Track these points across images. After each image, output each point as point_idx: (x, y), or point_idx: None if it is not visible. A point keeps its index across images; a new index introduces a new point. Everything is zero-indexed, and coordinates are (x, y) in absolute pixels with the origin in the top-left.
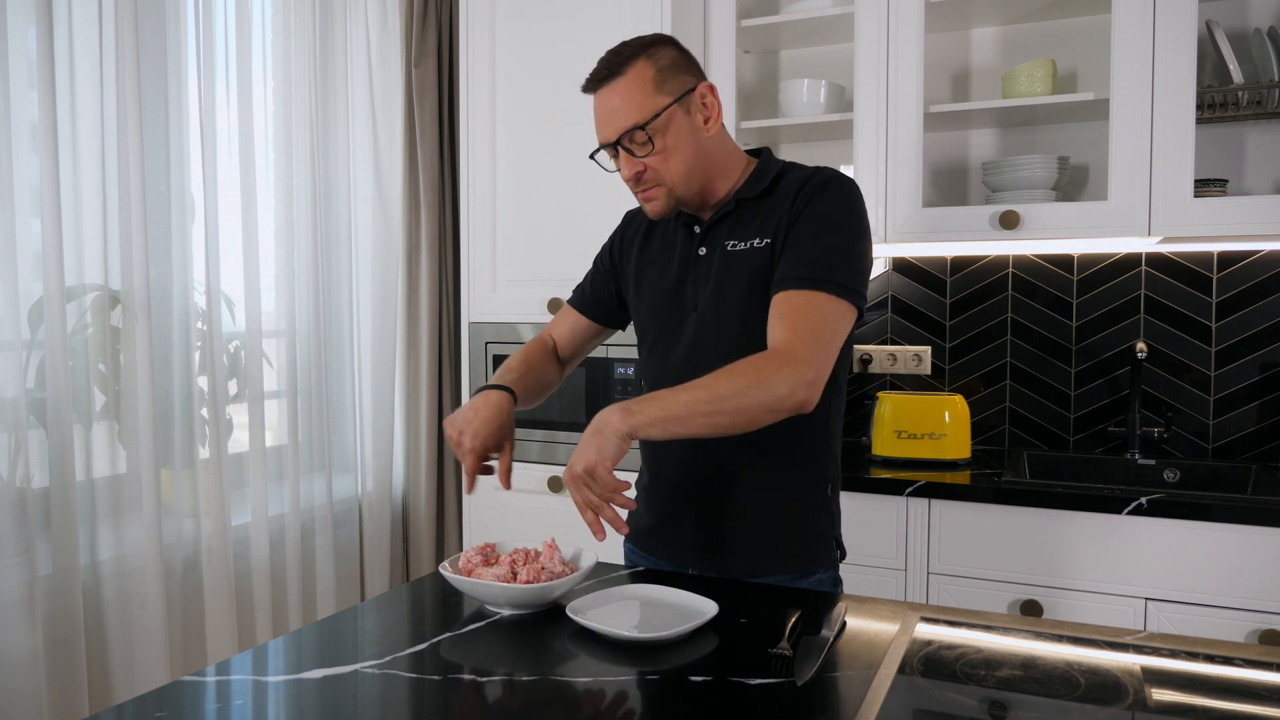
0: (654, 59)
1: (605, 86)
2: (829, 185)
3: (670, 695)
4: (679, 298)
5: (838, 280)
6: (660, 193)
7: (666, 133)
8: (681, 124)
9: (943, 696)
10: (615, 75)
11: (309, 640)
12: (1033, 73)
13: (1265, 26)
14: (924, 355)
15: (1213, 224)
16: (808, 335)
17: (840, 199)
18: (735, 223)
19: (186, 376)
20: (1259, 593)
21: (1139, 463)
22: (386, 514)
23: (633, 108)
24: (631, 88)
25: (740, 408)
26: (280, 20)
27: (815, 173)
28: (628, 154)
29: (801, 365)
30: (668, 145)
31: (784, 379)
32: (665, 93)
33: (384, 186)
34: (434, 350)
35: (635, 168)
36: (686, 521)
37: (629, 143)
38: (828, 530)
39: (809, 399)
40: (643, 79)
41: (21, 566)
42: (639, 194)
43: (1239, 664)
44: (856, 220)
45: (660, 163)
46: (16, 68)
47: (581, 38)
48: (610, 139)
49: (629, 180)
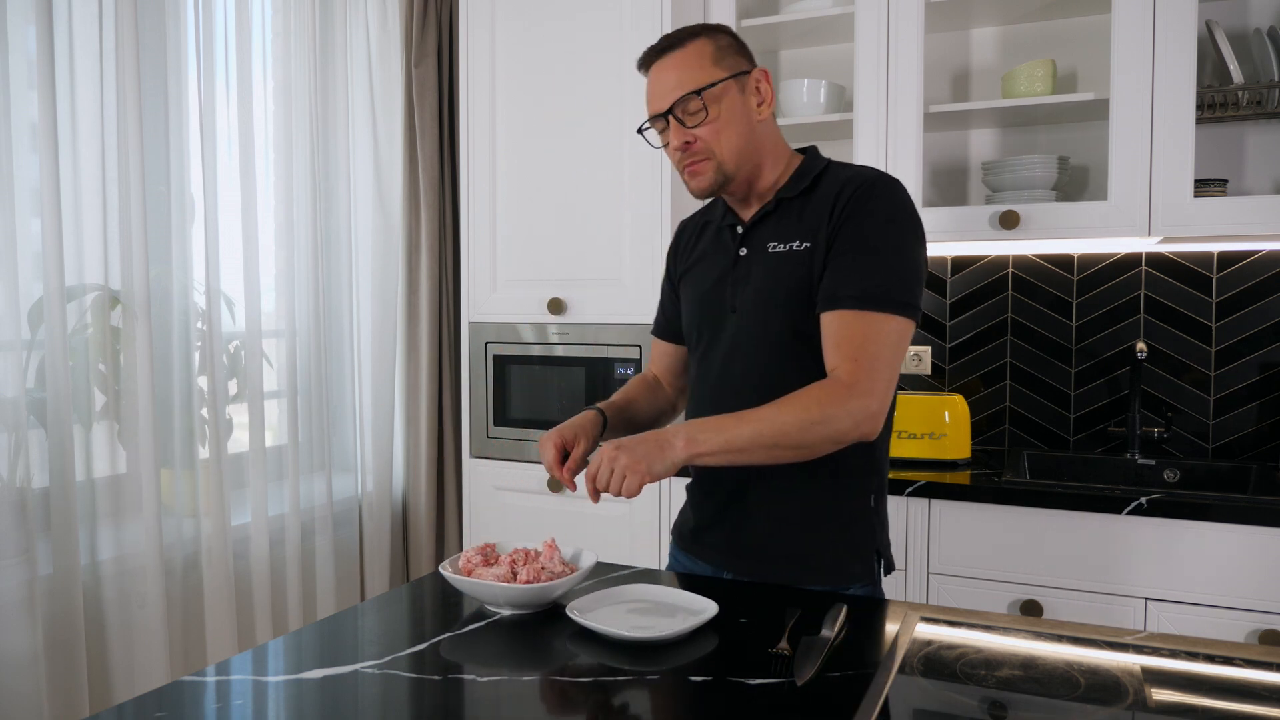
0: (714, 38)
1: (662, 59)
2: (875, 189)
3: (670, 695)
4: (720, 300)
5: (896, 298)
6: (709, 166)
7: (721, 104)
8: (736, 100)
9: (943, 696)
10: (674, 48)
11: (309, 640)
12: (1033, 73)
13: (1265, 26)
14: (924, 355)
15: (1213, 224)
16: (868, 365)
17: (889, 203)
18: (776, 223)
19: (186, 376)
20: (1259, 593)
21: (1139, 463)
22: (386, 514)
23: (689, 76)
24: (689, 58)
25: (803, 442)
26: (280, 20)
27: (859, 173)
28: (679, 124)
29: (864, 398)
30: (721, 117)
31: (848, 413)
32: (723, 67)
33: (384, 186)
34: (434, 350)
35: (685, 137)
36: (723, 524)
37: (682, 111)
38: (867, 541)
39: (873, 430)
40: (702, 52)
41: (22, 566)
42: (686, 167)
43: (1239, 664)
44: (906, 225)
45: (712, 134)
46: (16, 68)
47: (581, 38)
48: (663, 108)
49: (677, 151)
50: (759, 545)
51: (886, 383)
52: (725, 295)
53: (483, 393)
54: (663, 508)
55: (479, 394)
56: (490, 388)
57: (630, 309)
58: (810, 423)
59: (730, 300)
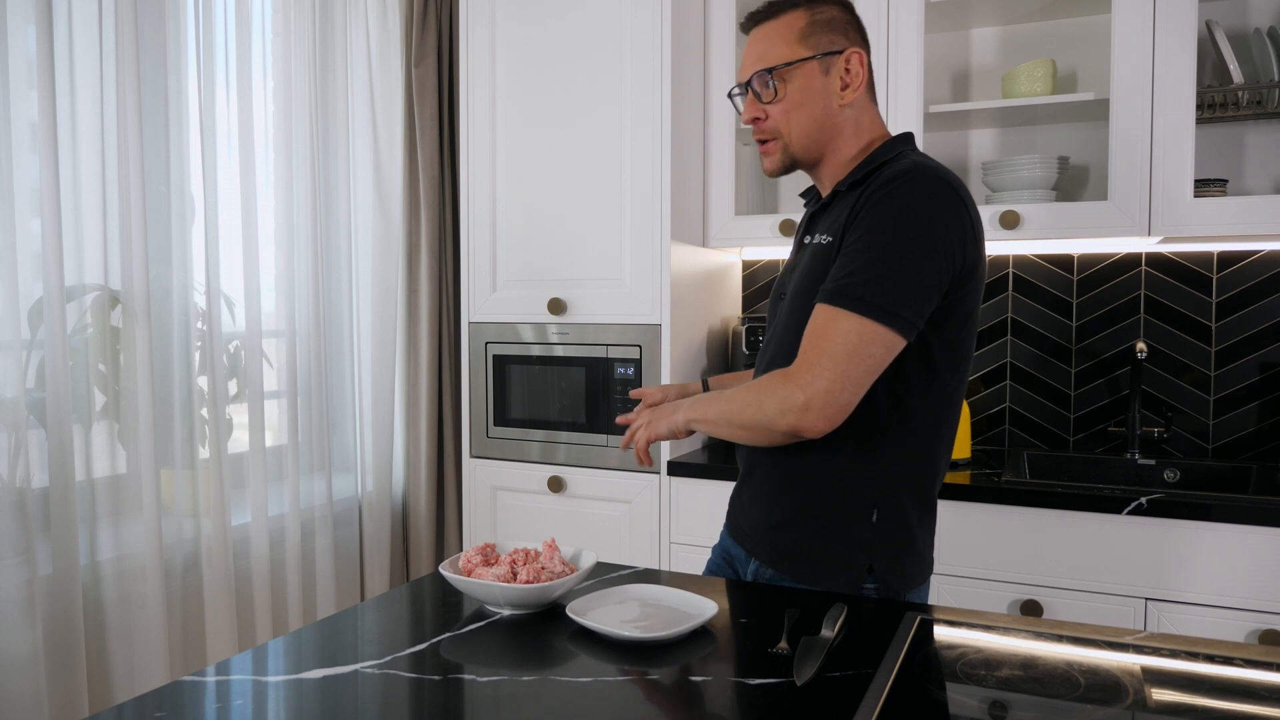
0: (813, 11)
1: (757, 26)
2: (896, 189)
3: (670, 695)
4: (781, 286)
5: (867, 298)
6: (776, 147)
7: (794, 84)
8: (814, 81)
9: (942, 696)
10: (768, 17)
11: (309, 640)
12: (1033, 73)
13: (1265, 26)
14: None
15: (1213, 224)
16: (813, 358)
17: (902, 207)
18: (826, 215)
19: (186, 376)
20: (1259, 593)
21: (1139, 463)
22: (386, 514)
23: (770, 51)
24: (775, 32)
25: (745, 423)
26: (280, 20)
27: (901, 171)
28: (754, 97)
29: (795, 389)
30: (793, 98)
31: (776, 401)
32: (808, 46)
33: (384, 186)
34: (434, 350)
35: (755, 113)
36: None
37: (757, 85)
38: (857, 555)
39: (802, 424)
40: (791, 27)
41: (21, 566)
42: (759, 145)
43: (1239, 664)
44: (916, 229)
45: (781, 114)
46: (16, 68)
47: (581, 37)
48: (741, 79)
49: (748, 125)
50: (758, 527)
51: (829, 381)
52: (784, 282)
53: (483, 393)
54: (663, 508)
55: (479, 394)
56: (490, 388)
57: (630, 309)
58: (747, 405)
59: (782, 287)
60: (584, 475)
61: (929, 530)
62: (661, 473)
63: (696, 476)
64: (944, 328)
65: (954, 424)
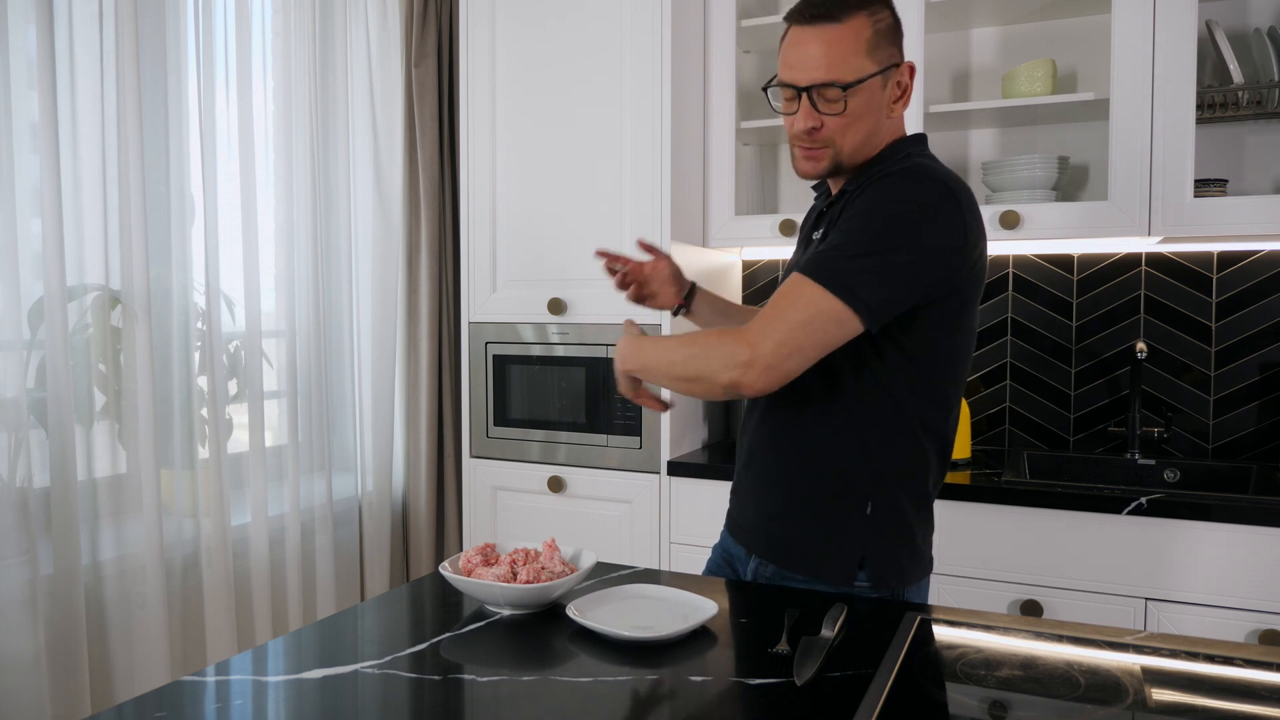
0: (875, 18)
1: (815, 26)
2: (894, 185)
3: (670, 695)
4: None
5: (834, 273)
6: (826, 154)
7: (859, 100)
8: (876, 96)
9: (943, 697)
10: (832, 20)
11: (309, 640)
12: (1033, 73)
13: (1265, 26)
14: None
15: (1213, 224)
16: (769, 318)
17: (885, 197)
18: (836, 213)
19: (186, 376)
20: (1259, 593)
21: (1139, 463)
22: (386, 514)
23: (838, 62)
24: (844, 39)
25: (687, 375)
26: (280, 20)
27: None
28: (811, 107)
29: (742, 345)
30: (856, 113)
31: (720, 355)
32: (875, 59)
33: (384, 186)
34: (434, 350)
35: (814, 122)
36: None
37: (818, 96)
38: (852, 547)
39: (743, 381)
40: (859, 36)
41: (23, 566)
42: (803, 149)
43: (1239, 664)
44: (900, 226)
45: (840, 127)
46: (16, 68)
47: (581, 37)
48: (800, 84)
49: (802, 133)
50: (755, 521)
51: (777, 343)
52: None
53: (483, 393)
54: (663, 508)
55: (479, 394)
56: (490, 388)
57: (630, 309)
58: (693, 356)
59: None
60: (584, 475)
61: (927, 527)
62: (661, 473)
63: (696, 476)
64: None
65: (952, 424)
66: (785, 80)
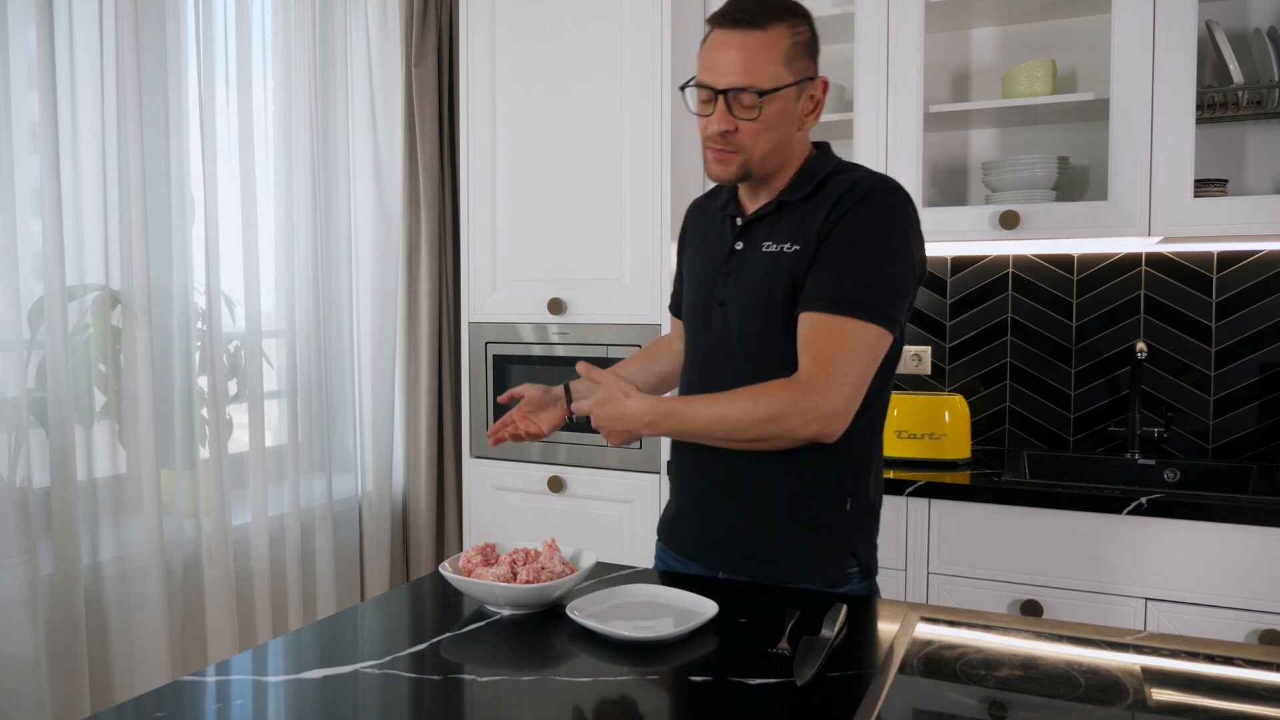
0: (795, 30)
1: (737, 31)
2: (870, 199)
3: (670, 695)
4: (711, 290)
5: (871, 304)
6: (737, 159)
7: (774, 108)
8: (789, 106)
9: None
10: (755, 26)
11: (309, 640)
12: (1033, 73)
13: (1265, 26)
14: (924, 355)
15: (1213, 224)
16: (831, 367)
17: (880, 215)
18: (774, 223)
19: (186, 376)
20: (1259, 593)
21: (1139, 463)
22: (386, 514)
23: (757, 68)
24: (764, 47)
25: (753, 438)
26: (280, 20)
27: (861, 181)
28: (726, 110)
29: (820, 398)
30: (769, 119)
31: (800, 413)
32: (792, 70)
33: (384, 186)
34: (434, 350)
35: (728, 125)
36: (704, 515)
37: (734, 100)
38: (840, 544)
39: (825, 431)
40: (779, 46)
41: (23, 566)
42: (715, 152)
43: (1239, 664)
44: (895, 237)
45: (753, 133)
46: (16, 68)
47: (581, 37)
48: (718, 86)
49: (715, 135)
50: (737, 538)
51: (851, 388)
52: (716, 286)
53: (483, 393)
54: (662, 508)
55: (479, 394)
56: (490, 388)
57: (630, 309)
58: (759, 420)
59: (720, 293)
60: (584, 475)
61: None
62: (661, 472)
63: None
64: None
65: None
66: (703, 81)
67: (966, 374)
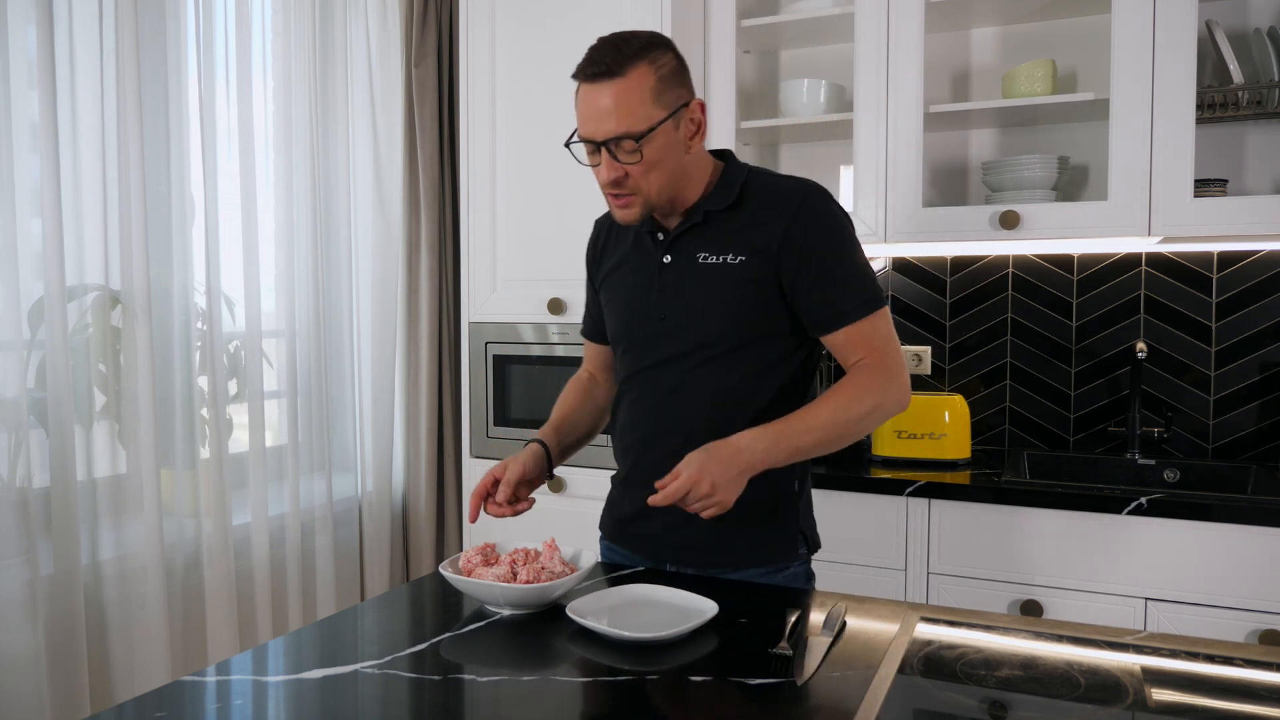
0: (656, 65)
1: (601, 83)
2: (819, 205)
3: (670, 695)
4: (646, 306)
5: (877, 295)
6: (636, 201)
7: (655, 146)
8: (670, 138)
9: (943, 696)
10: (614, 75)
11: (309, 640)
12: (1033, 73)
13: (1265, 26)
14: (924, 355)
15: (1213, 224)
16: (892, 353)
17: (832, 219)
18: (704, 235)
19: (187, 376)
20: (1259, 593)
21: (1139, 463)
22: (386, 514)
23: (627, 114)
24: (630, 92)
25: (862, 431)
26: (280, 20)
27: (789, 187)
28: (611, 158)
29: (900, 377)
30: (654, 158)
31: (892, 395)
32: (662, 105)
33: (384, 186)
34: (434, 350)
35: (617, 173)
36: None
37: (615, 148)
38: (792, 524)
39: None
40: (644, 86)
41: (23, 566)
42: (614, 198)
43: (1239, 664)
44: (848, 232)
45: (642, 173)
46: (16, 68)
47: (582, 38)
48: (597, 138)
49: (607, 184)
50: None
51: (905, 364)
52: (652, 302)
53: (483, 393)
54: None
55: (479, 394)
56: (490, 388)
57: None
58: (866, 413)
59: (659, 308)
60: (584, 475)
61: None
62: None
63: None
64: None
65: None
66: (584, 136)
67: (966, 374)
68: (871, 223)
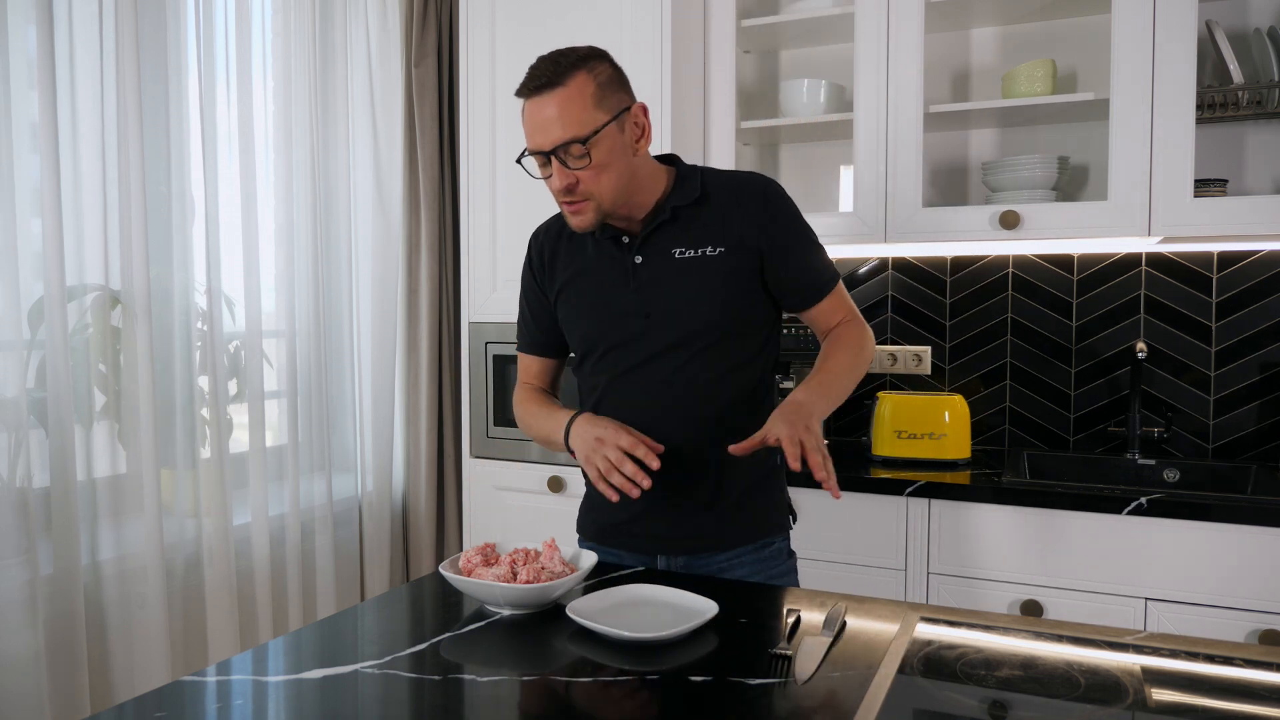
0: (593, 73)
1: (543, 95)
2: (780, 193)
3: (670, 695)
4: (624, 306)
5: (833, 269)
6: (589, 206)
7: (601, 149)
8: (616, 142)
9: (943, 696)
10: (555, 85)
11: (309, 640)
12: (1033, 73)
13: (1265, 26)
14: (924, 355)
15: (1213, 224)
16: (853, 310)
17: (790, 204)
18: (675, 230)
19: (187, 376)
20: (1259, 593)
21: (1139, 463)
22: (386, 514)
23: (571, 120)
24: (571, 100)
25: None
26: (280, 20)
27: (747, 180)
28: (561, 165)
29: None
30: (602, 161)
31: (871, 341)
32: (604, 109)
33: (384, 186)
34: (434, 350)
35: (568, 180)
36: (655, 513)
37: (564, 155)
38: (781, 497)
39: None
40: (583, 92)
41: (23, 567)
42: (567, 205)
43: (1239, 664)
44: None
45: (592, 178)
46: (16, 68)
47: (581, 38)
48: (545, 148)
49: (559, 191)
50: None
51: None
52: (631, 302)
53: (483, 393)
54: None
55: (479, 394)
56: (490, 388)
57: None
58: (866, 359)
59: (641, 306)
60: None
61: None
62: None
63: None
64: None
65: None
66: (532, 149)
67: (966, 374)
68: (871, 223)
